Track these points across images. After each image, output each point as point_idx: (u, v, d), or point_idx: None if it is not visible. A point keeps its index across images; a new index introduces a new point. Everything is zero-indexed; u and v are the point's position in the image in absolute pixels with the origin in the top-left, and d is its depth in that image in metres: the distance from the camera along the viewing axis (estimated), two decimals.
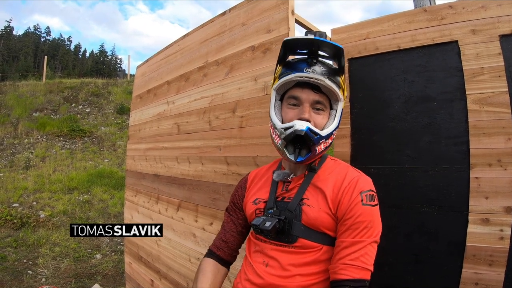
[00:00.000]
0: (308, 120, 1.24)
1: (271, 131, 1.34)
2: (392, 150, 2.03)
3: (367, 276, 1.15)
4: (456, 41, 1.84)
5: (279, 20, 2.03)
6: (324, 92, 1.28)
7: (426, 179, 1.92)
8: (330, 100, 1.31)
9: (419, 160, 1.95)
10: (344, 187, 1.24)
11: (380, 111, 2.09)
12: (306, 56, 1.28)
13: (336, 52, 1.23)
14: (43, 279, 4.86)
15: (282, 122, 1.30)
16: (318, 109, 1.28)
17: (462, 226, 1.79)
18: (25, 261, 5.43)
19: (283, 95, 1.36)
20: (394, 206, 2.00)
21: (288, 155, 1.26)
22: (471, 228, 1.76)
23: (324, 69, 1.24)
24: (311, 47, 1.24)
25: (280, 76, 1.31)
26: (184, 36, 3.03)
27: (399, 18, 2.04)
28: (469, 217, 1.77)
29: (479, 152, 1.76)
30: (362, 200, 1.20)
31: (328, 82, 1.23)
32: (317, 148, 1.24)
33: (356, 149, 2.17)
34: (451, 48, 1.87)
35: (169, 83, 3.14)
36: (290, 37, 1.27)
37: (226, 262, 1.49)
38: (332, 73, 1.26)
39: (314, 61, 1.25)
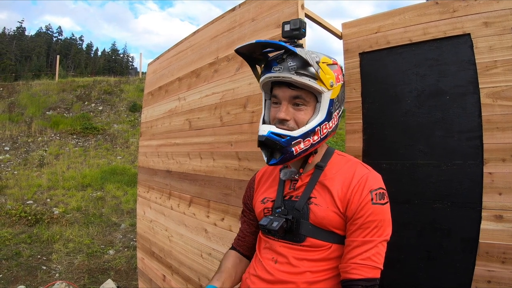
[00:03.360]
0: (284, 119, 1.20)
1: None
2: (405, 145, 2.02)
3: (377, 274, 1.15)
4: (469, 34, 1.82)
5: (288, 14, 2.02)
6: (300, 87, 1.21)
7: (438, 174, 1.90)
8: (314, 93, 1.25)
9: (431, 155, 1.93)
10: (353, 185, 1.21)
11: (392, 106, 2.08)
12: (283, 51, 1.21)
13: (287, 49, 1.17)
14: (57, 275, 4.92)
15: (269, 123, 1.29)
16: (298, 105, 1.23)
17: (475, 223, 1.77)
18: (39, 256, 5.51)
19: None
20: (406, 202, 1.99)
21: (264, 157, 1.25)
22: (484, 225, 1.74)
23: (292, 64, 1.17)
24: (254, 47, 1.22)
25: (261, 76, 1.28)
26: (194, 33, 3.03)
27: (410, 11, 2.02)
28: (482, 214, 1.75)
29: (492, 147, 1.74)
30: (372, 199, 1.18)
31: (296, 78, 1.16)
32: (292, 149, 1.19)
33: (368, 144, 2.16)
34: (464, 41, 1.84)
35: (180, 80, 3.15)
36: (239, 46, 1.21)
37: (247, 256, 1.51)
38: (302, 66, 1.17)
39: (284, 56, 1.19)
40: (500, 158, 1.72)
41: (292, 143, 1.19)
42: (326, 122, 1.24)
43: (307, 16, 2.09)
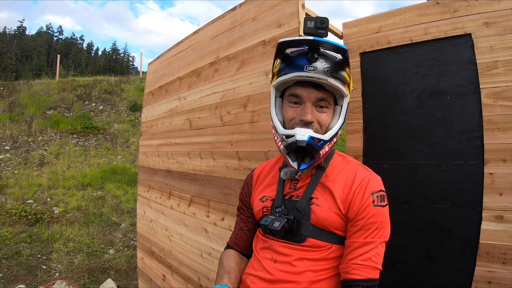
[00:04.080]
0: (311, 121, 1.19)
1: (273, 132, 1.28)
2: (405, 145, 2.02)
3: (377, 275, 1.16)
4: (470, 34, 1.81)
5: (289, 14, 2.02)
6: (327, 89, 1.21)
7: (439, 174, 1.90)
8: (334, 95, 1.25)
9: (432, 155, 1.93)
10: (355, 187, 1.22)
11: (392, 106, 2.08)
12: (307, 49, 1.17)
13: (339, 49, 1.15)
14: (57, 274, 4.92)
15: (284, 122, 1.26)
16: (322, 107, 1.22)
17: (476, 223, 1.77)
18: (39, 256, 5.52)
19: (284, 91, 1.30)
20: (406, 202, 1.99)
21: (291, 162, 1.22)
22: (484, 225, 1.74)
23: (326, 65, 1.15)
24: (310, 45, 1.16)
25: (279, 73, 1.24)
26: (195, 32, 3.03)
27: (411, 11, 2.02)
28: (483, 214, 1.75)
29: (493, 147, 1.74)
30: (373, 201, 1.19)
31: (331, 81, 1.15)
32: (321, 152, 1.20)
33: (369, 144, 2.15)
34: (465, 41, 1.84)
35: (181, 79, 3.15)
36: (285, 39, 1.15)
37: (245, 255, 1.49)
38: (336, 69, 1.16)
39: (316, 56, 1.15)
40: (500, 158, 1.71)
41: (323, 147, 1.20)
42: (342, 126, 1.26)
43: (307, 15, 2.08)
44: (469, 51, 1.83)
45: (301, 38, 1.14)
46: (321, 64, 1.15)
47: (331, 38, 2.34)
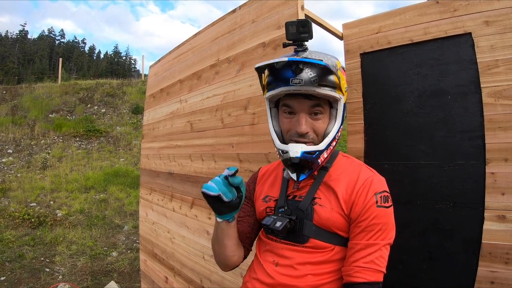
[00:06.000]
0: (305, 132, 1.18)
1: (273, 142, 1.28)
2: (406, 145, 2.01)
3: (380, 278, 1.13)
4: (470, 33, 1.81)
5: (288, 16, 2.02)
6: (318, 96, 1.17)
7: (440, 174, 1.89)
8: (329, 100, 1.21)
9: (433, 156, 1.92)
10: (358, 188, 1.20)
11: (393, 106, 2.07)
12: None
13: (318, 66, 1.10)
14: (60, 277, 4.93)
15: (281, 133, 1.27)
16: (316, 113, 1.20)
17: (478, 223, 1.76)
18: (42, 259, 5.52)
19: (278, 100, 1.28)
20: (408, 203, 1.98)
21: (290, 174, 1.25)
22: (487, 225, 1.73)
23: (312, 75, 1.10)
24: (287, 64, 1.11)
25: (268, 86, 1.22)
26: (195, 35, 3.03)
27: (411, 11, 2.01)
28: (485, 214, 1.74)
29: (495, 147, 1.73)
30: (376, 202, 1.17)
31: (319, 91, 1.12)
32: (319, 161, 1.20)
33: (370, 145, 2.15)
34: (465, 40, 1.83)
35: (182, 82, 3.15)
36: (260, 64, 1.13)
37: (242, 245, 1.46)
38: (323, 76, 1.12)
39: (301, 66, 1.10)
40: (502, 158, 1.71)
41: (320, 156, 1.19)
42: (341, 127, 1.25)
43: (307, 17, 2.08)
44: (469, 50, 1.82)
45: (275, 60, 1.10)
46: (306, 74, 1.11)
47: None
